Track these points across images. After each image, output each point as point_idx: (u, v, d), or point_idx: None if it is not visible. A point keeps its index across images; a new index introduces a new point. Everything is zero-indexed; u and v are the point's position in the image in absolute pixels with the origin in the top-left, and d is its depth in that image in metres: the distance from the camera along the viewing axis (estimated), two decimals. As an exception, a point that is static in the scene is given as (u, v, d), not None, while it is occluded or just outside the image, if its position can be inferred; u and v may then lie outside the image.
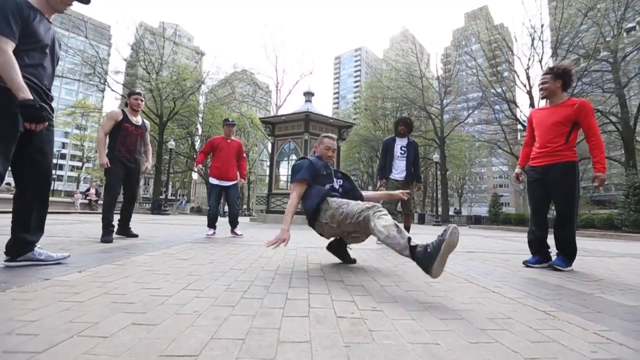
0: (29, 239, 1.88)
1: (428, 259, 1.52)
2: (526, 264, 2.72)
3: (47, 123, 1.74)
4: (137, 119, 3.68)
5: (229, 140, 4.63)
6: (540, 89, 2.70)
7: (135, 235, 3.67)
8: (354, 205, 2.04)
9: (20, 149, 1.78)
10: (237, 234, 4.50)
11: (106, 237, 3.24)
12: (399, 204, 4.52)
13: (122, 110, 3.58)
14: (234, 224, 4.60)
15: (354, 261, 2.53)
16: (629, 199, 10.96)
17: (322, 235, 2.34)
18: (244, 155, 4.84)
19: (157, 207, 18.56)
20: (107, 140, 3.47)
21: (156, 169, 24.68)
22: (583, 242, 6.99)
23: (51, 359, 0.79)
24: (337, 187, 2.35)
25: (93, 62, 23.41)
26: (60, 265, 1.92)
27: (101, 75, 23.70)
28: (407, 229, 4.44)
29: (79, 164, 55.53)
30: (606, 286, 2.02)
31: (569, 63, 2.82)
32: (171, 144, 21.19)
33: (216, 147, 4.53)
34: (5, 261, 1.84)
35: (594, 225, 12.10)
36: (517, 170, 2.97)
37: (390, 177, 4.48)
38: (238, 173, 4.71)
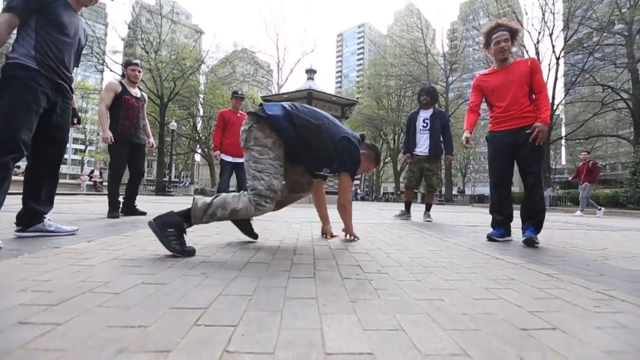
0: (39, 210, 1.93)
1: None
2: (491, 237, 2.47)
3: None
4: (136, 91, 3.58)
5: (238, 114, 4.57)
6: (501, 49, 2.45)
7: (144, 213, 3.65)
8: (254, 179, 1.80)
9: (40, 122, 1.84)
10: None
11: (113, 212, 3.28)
12: (422, 179, 4.39)
13: (120, 82, 3.48)
14: None
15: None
16: (636, 176, 10.86)
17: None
18: None
19: (161, 189, 18.74)
20: (108, 114, 3.40)
21: (159, 151, 24.69)
22: (587, 219, 7.00)
23: (66, 311, 0.82)
24: None
25: (90, 42, 22.96)
26: (70, 236, 1.96)
27: (99, 55, 23.30)
28: (429, 205, 4.39)
29: (82, 147, 55.72)
30: (609, 254, 2.04)
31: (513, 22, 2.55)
32: (173, 125, 21.08)
33: (227, 120, 4.47)
34: (16, 231, 1.88)
35: (599, 202, 12.05)
36: (467, 134, 2.72)
37: (414, 152, 4.32)
38: None
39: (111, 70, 24.26)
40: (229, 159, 4.45)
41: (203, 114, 31.46)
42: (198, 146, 34.64)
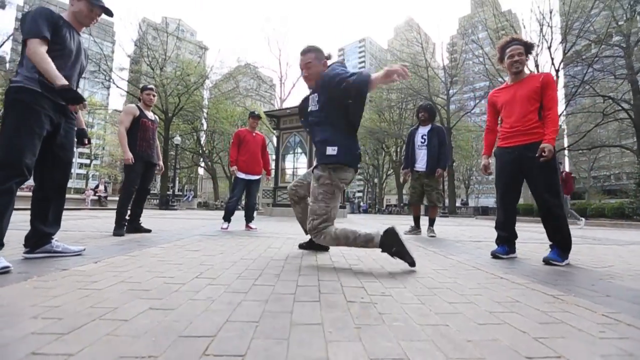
0: (47, 231, 1.95)
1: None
2: (495, 254, 2.45)
3: (85, 102, 1.87)
4: (150, 114, 3.77)
5: (254, 134, 4.67)
6: (515, 62, 2.44)
7: (148, 230, 3.70)
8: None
9: (43, 144, 1.87)
10: (251, 228, 4.53)
11: (119, 230, 3.32)
12: (424, 196, 4.38)
13: (137, 106, 3.67)
14: (250, 217, 4.63)
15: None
16: (642, 187, 10.78)
17: None
18: (267, 149, 4.89)
19: (165, 203, 18.81)
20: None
21: (163, 164, 24.91)
22: (593, 232, 6.92)
23: (77, 340, 0.84)
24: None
25: (98, 59, 23.56)
26: (77, 257, 1.98)
27: (106, 72, 23.87)
28: (432, 220, 4.37)
29: (87, 161, 56.31)
30: (616, 272, 2.02)
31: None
32: (177, 139, 21.36)
33: (242, 139, 4.58)
34: (24, 253, 1.91)
35: (605, 214, 11.95)
36: (484, 161, 2.73)
37: (414, 168, 4.36)
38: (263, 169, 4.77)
39: (117, 87, 24.78)
40: (242, 175, 4.51)
41: (207, 128, 31.86)
42: (201, 160, 34.95)
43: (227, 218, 4.46)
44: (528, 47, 2.49)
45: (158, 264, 1.86)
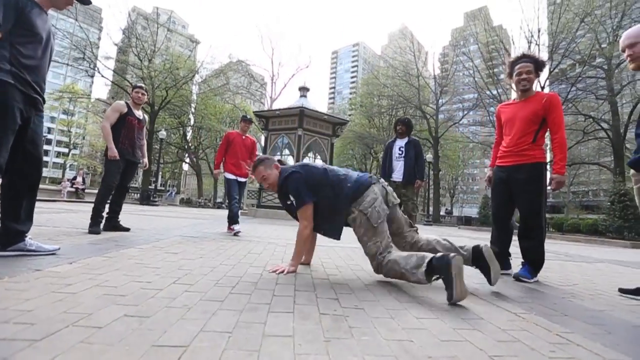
0: (20, 229, 1.92)
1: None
2: None
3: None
4: (139, 113, 3.76)
5: (243, 137, 4.70)
6: (523, 80, 2.41)
7: (127, 229, 3.65)
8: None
9: (13, 139, 1.82)
10: (234, 230, 4.44)
11: (94, 227, 3.26)
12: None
13: (126, 103, 3.65)
14: (233, 219, 4.54)
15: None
16: (614, 206, 11.30)
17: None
18: (256, 153, 4.91)
19: (146, 198, 18.44)
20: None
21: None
22: (567, 247, 7.22)
23: (50, 347, 0.86)
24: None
25: (83, 46, 22.94)
26: (51, 256, 1.96)
27: (91, 60, 23.26)
28: None
29: (65, 150, 54.53)
30: (579, 291, 2.15)
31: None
32: (162, 133, 21.01)
33: (231, 142, 4.59)
34: (-5, 251, 1.88)
35: (580, 230, 12.46)
36: (489, 172, 2.78)
37: (391, 179, 4.48)
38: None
39: (102, 76, 24.18)
40: (232, 177, 4.53)
41: (194, 124, 31.43)
42: (187, 155, 34.42)
43: (235, 221, 4.39)
44: (538, 66, 2.44)
45: (135, 267, 1.86)
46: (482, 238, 7.80)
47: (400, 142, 4.52)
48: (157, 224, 4.97)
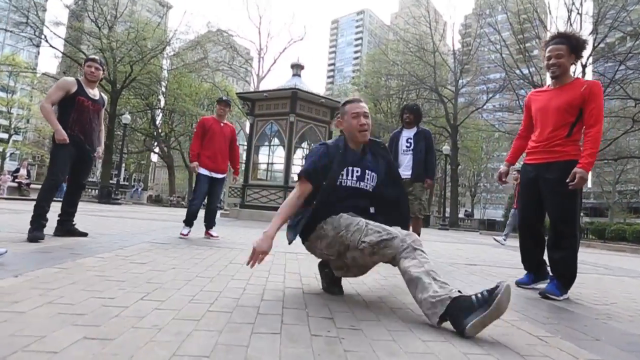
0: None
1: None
2: (518, 284, 2.73)
3: None
4: (95, 92, 3.68)
5: (222, 124, 4.71)
6: (552, 65, 2.46)
7: (84, 234, 3.66)
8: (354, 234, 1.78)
9: None
10: (212, 236, 4.58)
11: (35, 232, 3.16)
12: None
13: (77, 80, 3.56)
14: (210, 223, 4.67)
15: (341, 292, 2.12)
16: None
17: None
18: (237, 143, 4.95)
19: (106, 195, 18.44)
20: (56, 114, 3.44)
21: (106, 148, 24.30)
22: (608, 258, 7.35)
23: (-2, 373, 0.90)
24: (366, 188, 2.05)
25: (26, 8, 22.66)
26: (-6, 267, 1.99)
27: (36, 25, 23.02)
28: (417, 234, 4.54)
29: (5, 135, 53.89)
30: (616, 311, 2.22)
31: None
32: (126, 117, 20.93)
33: (207, 130, 4.60)
34: None
35: (626, 238, 12.64)
36: (502, 168, 2.88)
37: None
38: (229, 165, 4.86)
39: (51, 46, 23.96)
40: (205, 172, 4.56)
41: (164, 106, 31.31)
42: (156, 144, 34.33)
43: (188, 222, 4.49)
44: (575, 47, 2.43)
45: (96, 280, 1.90)
46: (507, 245, 7.89)
47: (408, 133, 4.56)
48: (121, 228, 5.00)
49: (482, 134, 31.36)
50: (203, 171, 4.55)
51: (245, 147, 12.35)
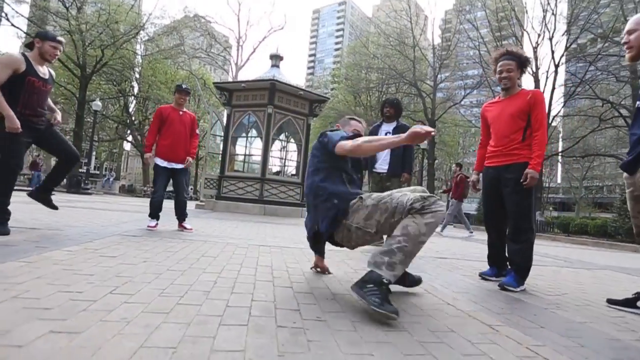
0: None
1: None
2: (482, 276, 2.97)
3: None
4: (44, 70, 3.39)
5: (180, 112, 4.62)
6: (504, 78, 2.80)
7: (55, 207, 3.67)
8: (400, 197, 1.89)
9: None
10: (185, 228, 4.52)
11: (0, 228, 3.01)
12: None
13: (24, 55, 3.19)
14: (182, 216, 4.60)
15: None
16: (627, 205, 12.16)
17: (342, 246, 2.22)
18: (197, 132, 4.88)
19: (76, 185, 17.81)
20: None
21: (75, 135, 23.52)
22: (570, 251, 7.77)
23: (-37, 366, 0.92)
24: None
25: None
26: (-45, 260, 1.96)
27: (-5, 1, 21.78)
28: None
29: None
30: (565, 302, 2.40)
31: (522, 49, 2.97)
32: (97, 104, 20.19)
33: (165, 119, 4.51)
34: None
35: (587, 231, 13.34)
36: (474, 177, 3.20)
37: (374, 169, 4.65)
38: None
39: (12, 25, 22.72)
40: (164, 164, 4.47)
41: (138, 93, 30.41)
42: (129, 132, 33.36)
43: (153, 215, 4.46)
44: (521, 63, 2.81)
45: (63, 274, 1.90)
46: (477, 239, 8.20)
47: (387, 127, 4.66)
48: (90, 219, 4.91)
49: (459, 129, 32.06)
50: (161, 162, 4.47)
51: (222, 138, 12.24)
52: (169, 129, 4.49)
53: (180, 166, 4.57)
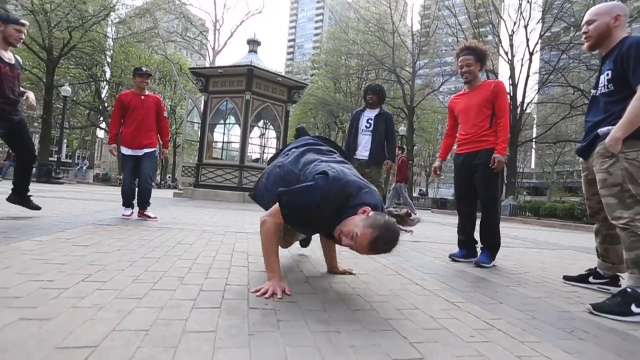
0: None
1: None
2: (452, 257, 3.14)
3: None
4: (9, 55, 3.34)
5: (142, 97, 4.45)
6: (465, 72, 3.02)
7: (38, 208, 3.68)
8: None
9: None
10: (148, 217, 4.39)
11: None
12: None
13: None
14: (143, 203, 4.46)
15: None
16: (592, 188, 12.72)
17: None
18: (165, 114, 4.74)
19: (46, 174, 17.20)
20: None
21: (43, 122, 22.59)
22: (538, 233, 8.12)
23: None
24: None
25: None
26: None
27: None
28: None
29: None
30: (526, 279, 2.55)
31: (481, 43, 3.15)
32: (65, 89, 19.42)
33: (127, 106, 4.37)
34: None
35: (556, 214, 13.90)
36: (436, 163, 3.41)
37: (354, 155, 4.62)
38: (159, 138, 4.65)
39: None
40: (128, 152, 4.37)
41: (110, 78, 29.36)
42: (102, 119, 32.25)
43: (127, 203, 4.40)
44: (480, 57, 3.00)
45: (32, 263, 1.89)
46: (452, 223, 8.45)
47: (370, 113, 4.68)
48: (62, 209, 4.81)
49: (437, 115, 32.46)
50: (126, 151, 4.38)
51: (200, 125, 12.04)
52: (132, 115, 4.36)
53: (145, 151, 4.40)
